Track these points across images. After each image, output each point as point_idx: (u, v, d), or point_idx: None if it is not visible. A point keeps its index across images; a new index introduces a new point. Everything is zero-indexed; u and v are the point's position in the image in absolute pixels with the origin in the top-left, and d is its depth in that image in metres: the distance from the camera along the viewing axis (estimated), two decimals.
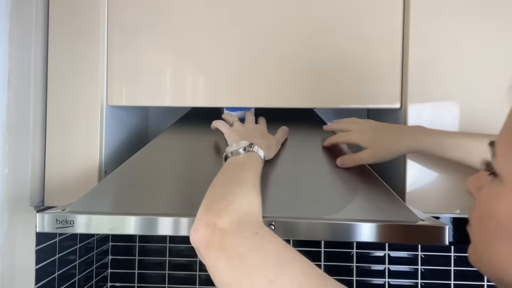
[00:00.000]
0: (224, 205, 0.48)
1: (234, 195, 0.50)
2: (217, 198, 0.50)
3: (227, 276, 0.42)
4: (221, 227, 0.45)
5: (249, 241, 0.44)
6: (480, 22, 0.79)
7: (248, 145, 0.64)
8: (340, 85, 0.82)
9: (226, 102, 0.83)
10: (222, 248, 0.44)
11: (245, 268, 0.42)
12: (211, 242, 0.44)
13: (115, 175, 0.75)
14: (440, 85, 0.80)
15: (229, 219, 0.46)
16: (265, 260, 0.42)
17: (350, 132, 0.74)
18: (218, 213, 0.47)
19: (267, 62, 0.82)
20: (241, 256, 0.43)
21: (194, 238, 0.46)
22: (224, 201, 0.49)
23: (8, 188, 0.76)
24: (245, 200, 0.50)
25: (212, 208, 0.48)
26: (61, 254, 0.92)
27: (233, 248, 0.43)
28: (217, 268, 0.43)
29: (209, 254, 0.44)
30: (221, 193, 0.51)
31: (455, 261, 1.14)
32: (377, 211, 0.68)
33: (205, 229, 0.46)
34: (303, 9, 0.82)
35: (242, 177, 0.56)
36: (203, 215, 0.48)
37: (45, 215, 0.65)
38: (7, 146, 0.76)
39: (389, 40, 0.81)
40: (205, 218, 0.47)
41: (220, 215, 0.46)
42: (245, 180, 0.55)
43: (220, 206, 0.48)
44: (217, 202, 0.49)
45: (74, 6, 0.83)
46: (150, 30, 0.83)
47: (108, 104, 0.85)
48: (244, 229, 0.46)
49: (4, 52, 0.75)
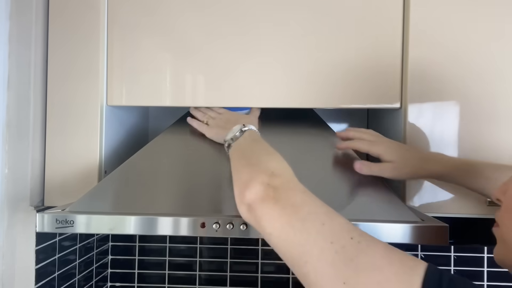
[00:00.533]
0: (271, 171, 0.51)
1: (275, 163, 0.55)
2: (260, 165, 0.54)
3: (281, 220, 0.46)
4: (275, 184, 0.49)
5: (301, 194, 0.49)
6: (480, 22, 0.79)
7: (242, 126, 0.68)
8: (340, 85, 0.82)
9: (226, 102, 0.83)
10: (277, 199, 0.48)
11: (299, 213, 0.46)
12: (266, 196, 0.48)
13: (115, 175, 0.75)
14: (440, 85, 0.80)
15: (280, 179, 0.50)
16: (316, 208, 0.47)
17: (374, 142, 0.73)
18: (269, 175, 0.50)
19: (267, 62, 0.82)
20: (295, 205, 0.47)
21: (249, 195, 0.49)
22: (269, 167, 0.53)
23: (8, 188, 0.76)
24: (283, 166, 0.54)
25: (262, 172, 0.51)
26: (61, 254, 0.92)
27: (287, 198, 0.48)
28: (272, 215, 0.47)
29: (264, 206, 0.48)
30: (261, 161, 0.55)
31: (455, 261, 1.14)
32: (377, 211, 0.68)
33: (260, 186, 0.49)
34: (303, 9, 0.82)
35: (266, 149, 0.60)
36: (255, 176, 0.51)
37: (45, 215, 0.65)
38: (7, 146, 0.76)
39: (389, 40, 0.81)
40: (258, 178, 0.50)
41: (271, 177, 0.50)
42: (270, 151, 0.59)
43: (268, 171, 0.51)
44: (263, 168, 0.53)
45: (74, 6, 0.83)
46: (150, 30, 0.83)
47: (108, 104, 0.85)
48: (294, 186, 0.50)
49: (4, 52, 0.75)
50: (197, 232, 0.64)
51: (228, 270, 1.19)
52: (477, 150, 0.79)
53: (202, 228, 0.64)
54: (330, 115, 1.12)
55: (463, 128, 0.80)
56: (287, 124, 0.86)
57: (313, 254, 0.42)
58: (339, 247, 0.41)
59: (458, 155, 0.80)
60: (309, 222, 0.44)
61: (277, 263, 1.19)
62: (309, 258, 0.42)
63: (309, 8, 0.82)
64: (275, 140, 0.82)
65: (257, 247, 1.19)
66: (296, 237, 0.44)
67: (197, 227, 0.64)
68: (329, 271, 0.40)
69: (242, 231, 0.63)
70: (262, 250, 1.19)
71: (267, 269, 1.19)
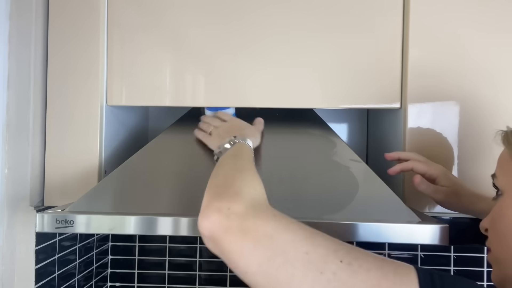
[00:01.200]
0: (234, 192, 0.46)
1: (241, 181, 0.49)
2: (223, 186, 0.48)
3: (257, 257, 0.41)
4: (237, 211, 0.43)
5: (272, 223, 0.43)
6: (480, 22, 0.79)
7: (233, 138, 0.66)
8: (340, 85, 0.82)
9: (226, 102, 0.83)
10: (244, 231, 0.42)
11: (276, 245, 0.41)
12: (229, 226, 0.42)
13: (115, 175, 0.75)
14: (440, 85, 0.80)
15: (243, 203, 0.44)
16: (294, 236, 0.41)
17: (431, 164, 0.72)
18: (230, 199, 0.45)
19: (267, 62, 0.82)
20: (269, 236, 0.41)
21: (206, 225, 0.43)
22: (233, 187, 0.47)
23: (7, 188, 0.76)
24: (252, 186, 0.49)
25: (222, 195, 0.46)
26: (61, 254, 0.92)
27: (256, 229, 0.42)
28: (243, 251, 0.41)
29: (230, 239, 0.42)
30: (226, 181, 0.50)
31: (455, 261, 1.14)
32: (377, 211, 0.68)
33: (218, 215, 0.43)
34: (302, 9, 0.82)
35: (241, 166, 0.56)
36: (212, 202, 0.45)
37: (45, 215, 0.65)
38: (7, 146, 0.76)
39: (389, 40, 0.81)
40: (215, 204, 0.44)
41: (233, 201, 0.44)
42: (245, 168, 0.55)
43: (230, 193, 0.46)
44: (225, 190, 0.47)
45: (74, 6, 0.83)
46: (150, 30, 0.83)
47: (108, 104, 0.85)
48: (262, 212, 0.44)
49: (4, 52, 0.75)
50: (197, 232, 0.64)
51: (228, 270, 1.19)
52: (477, 151, 0.79)
53: None
54: (330, 115, 1.12)
55: (463, 128, 0.80)
56: (287, 124, 0.86)
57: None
58: (331, 275, 0.38)
59: (458, 155, 0.80)
60: (291, 253, 0.40)
61: None
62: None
63: (308, 8, 0.82)
64: (275, 140, 0.82)
65: None
66: (280, 273, 0.39)
67: (197, 227, 0.64)
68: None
69: None
70: None
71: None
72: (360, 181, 0.73)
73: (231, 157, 0.61)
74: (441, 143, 0.80)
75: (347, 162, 0.77)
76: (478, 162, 0.79)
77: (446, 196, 0.70)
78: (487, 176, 0.54)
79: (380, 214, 0.66)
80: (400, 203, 0.69)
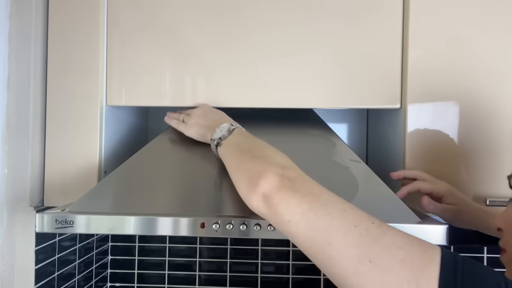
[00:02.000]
0: (281, 164, 0.53)
1: (279, 157, 0.56)
2: (270, 158, 0.55)
3: (301, 207, 0.47)
4: (289, 176, 0.50)
5: (317, 186, 0.50)
6: (480, 21, 0.79)
7: (230, 126, 0.68)
8: (340, 85, 0.82)
9: (226, 102, 0.83)
10: (295, 189, 0.48)
11: (319, 201, 0.47)
12: (283, 185, 0.49)
13: (114, 175, 0.75)
14: (440, 85, 0.80)
15: (293, 171, 0.52)
16: (334, 198, 0.48)
17: (437, 182, 0.73)
18: (281, 167, 0.51)
19: (267, 62, 0.82)
20: (314, 194, 0.48)
21: (264, 184, 0.50)
22: (279, 160, 0.54)
23: (7, 188, 0.76)
24: (289, 160, 0.55)
25: (273, 164, 0.52)
26: (60, 254, 0.92)
27: (305, 188, 0.49)
28: (290, 203, 0.48)
29: (282, 195, 0.48)
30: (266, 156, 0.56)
31: None
32: (377, 211, 0.67)
33: (275, 177, 0.50)
34: (303, 9, 0.82)
35: (264, 145, 0.60)
36: (269, 167, 0.51)
37: (45, 215, 0.65)
38: (7, 146, 0.76)
39: (389, 40, 0.81)
40: (272, 169, 0.51)
41: (284, 169, 0.51)
42: (270, 147, 0.59)
43: (278, 164, 0.53)
44: (274, 160, 0.54)
45: (74, 6, 0.83)
46: (150, 30, 0.83)
47: (108, 104, 0.85)
48: (308, 179, 0.51)
49: (4, 52, 0.75)
50: (197, 232, 0.64)
51: (228, 270, 1.19)
52: (477, 151, 0.79)
53: (202, 228, 0.64)
54: (330, 115, 1.12)
55: (463, 128, 0.80)
56: (287, 124, 0.86)
57: (337, 236, 0.44)
58: (363, 230, 0.43)
59: (458, 156, 0.80)
60: (331, 208, 0.46)
61: (277, 263, 1.19)
62: (333, 240, 0.44)
63: (308, 8, 0.82)
64: (275, 140, 0.82)
65: (257, 247, 1.19)
66: (320, 221, 0.45)
67: (197, 227, 0.64)
68: (355, 252, 0.42)
69: (242, 231, 0.63)
70: (262, 250, 1.19)
71: (267, 269, 1.19)
72: (360, 181, 0.73)
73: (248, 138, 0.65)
74: (441, 143, 0.80)
75: (347, 162, 0.77)
76: (478, 162, 0.79)
77: (454, 214, 0.71)
78: (488, 176, 0.54)
79: (380, 214, 0.66)
80: (400, 203, 0.69)
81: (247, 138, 0.65)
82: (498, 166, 0.79)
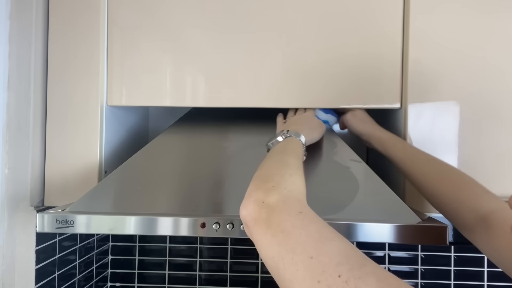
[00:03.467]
0: (271, 185, 0.50)
1: (280, 176, 0.53)
2: (264, 179, 0.53)
3: (272, 250, 0.44)
4: (269, 203, 0.48)
5: (293, 219, 0.46)
6: (480, 21, 0.79)
7: (285, 132, 0.67)
8: (340, 85, 0.82)
9: (226, 102, 0.83)
10: (269, 224, 0.46)
11: (288, 243, 0.43)
12: (259, 217, 0.47)
13: (115, 175, 0.75)
14: (440, 85, 0.80)
15: (276, 197, 0.48)
16: (307, 237, 0.43)
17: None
18: (266, 191, 0.49)
19: (267, 62, 0.82)
20: (285, 232, 0.44)
21: (244, 213, 0.49)
22: (271, 181, 0.51)
23: (8, 188, 0.76)
24: (290, 181, 0.52)
25: (260, 187, 0.50)
26: (61, 254, 0.92)
27: (278, 224, 0.45)
28: (263, 242, 0.46)
29: (257, 229, 0.47)
30: (268, 174, 0.54)
31: (455, 261, 1.14)
32: (377, 211, 0.68)
33: (254, 206, 0.48)
34: (303, 9, 0.82)
35: (285, 161, 0.59)
36: (252, 193, 0.50)
37: (45, 215, 0.65)
38: (7, 146, 0.76)
39: (389, 40, 0.81)
40: (254, 195, 0.49)
41: (268, 193, 0.49)
42: (289, 163, 0.58)
43: (268, 186, 0.50)
44: (264, 182, 0.52)
45: (74, 6, 0.83)
46: (150, 30, 0.83)
47: (108, 104, 0.85)
48: (290, 207, 0.47)
49: (4, 52, 0.75)
50: (197, 232, 0.64)
51: (228, 270, 1.19)
52: (477, 150, 0.79)
53: (202, 228, 0.64)
54: None
55: (463, 128, 0.80)
56: None
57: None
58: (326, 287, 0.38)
59: (458, 155, 0.80)
60: (297, 255, 0.42)
61: None
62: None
63: (309, 9, 0.82)
64: None
65: None
66: (286, 271, 0.42)
67: (197, 227, 0.64)
68: None
69: (242, 231, 0.63)
70: None
71: (267, 269, 1.19)
72: (360, 181, 0.73)
73: (279, 151, 0.63)
74: (441, 143, 0.80)
75: (347, 162, 0.77)
76: (478, 162, 0.79)
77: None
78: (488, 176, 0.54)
79: (380, 214, 0.66)
80: (401, 203, 0.69)
81: (279, 151, 0.63)
82: (498, 166, 0.79)
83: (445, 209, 0.65)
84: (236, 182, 0.73)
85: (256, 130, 0.86)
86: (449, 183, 0.66)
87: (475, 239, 0.60)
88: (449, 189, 0.65)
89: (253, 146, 0.80)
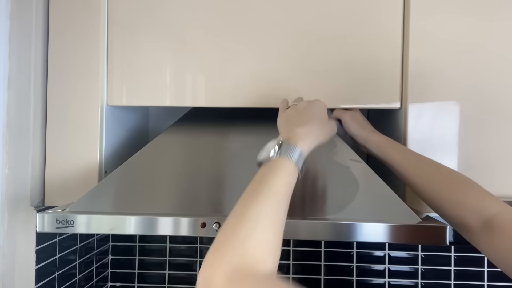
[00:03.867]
0: (220, 255, 0.47)
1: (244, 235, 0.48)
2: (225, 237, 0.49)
3: None
4: (216, 277, 0.45)
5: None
6: (480, 21, 0.79)
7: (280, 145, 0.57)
8: (340, 85, 0.82)
9: (226, 102, 0.83)
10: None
11: None
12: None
13: (115, 175, 0.75)
14: (440, 85, 0.80)
15: (226, 270, 0.45)
16: None
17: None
18: (219, 260, 0.46)
19: (267, 62, 0.82)
20: None
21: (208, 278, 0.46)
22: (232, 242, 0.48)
23: (8, 188, 0.76)
24: (255, 241, 0.48)
25: (218, 250, 0.48)
26: (61, 254, 0.92)
27: None
28: None
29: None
30: (232, 231, 0.49)
31: (455, 261, 1.14)
32: (378, 211, 0.68)
33: (203, 275, 0.46)
34: (303, 9, 0.82)
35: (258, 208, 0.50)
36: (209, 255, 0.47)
37: (45, 215, 0.65)
38: (7, 146, 0.76)
39: (389, 40, 0.81)
40: (208, 261, 0.47)
41: (220, 263, 0.46)
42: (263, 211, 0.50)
43: (223, 250, 0.47)
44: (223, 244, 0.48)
45: (74, 6, 0.83)
46: (150, 30, 0.83)
47: (108, 104, 0.85)
48: (236, 284, 0.44)
49: (4, 52, 0.75)
50: (197, 232, 0.64)
51: None
52: (478, 150, 0.79)
53: (202, 228, 0.64)
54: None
55: (464, 128, 0.80)
56: None
57: None
58: None
59: (458, 155, 0.80)
60: None
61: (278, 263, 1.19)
62: None
63: (309, 9, 0.82)
64: None
65: None
66: None
67: (197, 227, 0.64)
68: None
69: None
70: None
71: None
72: (360, 181, 0.73)
73: (259, 181, 0.54)
74: (441, 143, 0.80)
75: (347, 162, 0.77)
76: (479, 162, 0.79)
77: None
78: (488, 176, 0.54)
79: (380, 214, 0.66)
80: (401, 203, 0.69)
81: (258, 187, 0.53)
82: (499, 166, 0.79)
83: (447, 213, 0.64)
84: (236, 182, 0.73)
85: (256, 130, 0.86)
86: (450, 186, 0.64)
87: (479, 242, 0.60)
88: (451, 192, 0.64)
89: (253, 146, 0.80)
